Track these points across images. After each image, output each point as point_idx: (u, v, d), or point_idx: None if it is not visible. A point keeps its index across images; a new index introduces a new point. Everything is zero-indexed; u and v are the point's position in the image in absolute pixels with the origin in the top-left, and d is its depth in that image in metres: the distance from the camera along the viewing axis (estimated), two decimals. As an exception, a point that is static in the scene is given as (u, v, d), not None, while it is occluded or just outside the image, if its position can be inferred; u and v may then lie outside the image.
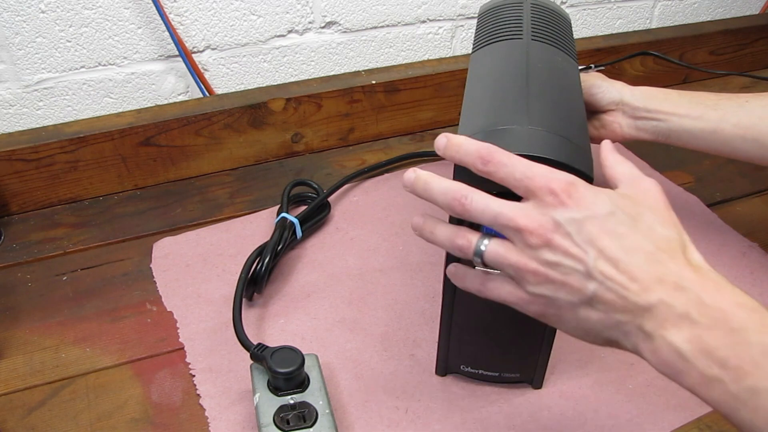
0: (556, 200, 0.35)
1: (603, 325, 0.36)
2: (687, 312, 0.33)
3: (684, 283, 0.34)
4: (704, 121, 0.59)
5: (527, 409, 0.51)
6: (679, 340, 0.33)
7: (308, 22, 0.84)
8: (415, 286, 0.62)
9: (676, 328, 0.33)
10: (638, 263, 0.34)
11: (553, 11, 0.59)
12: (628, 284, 0.34)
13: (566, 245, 0.35)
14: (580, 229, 0.35)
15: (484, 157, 0.37)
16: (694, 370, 0.33)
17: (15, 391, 0.52)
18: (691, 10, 1.11)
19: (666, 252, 0.35)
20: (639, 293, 0.34)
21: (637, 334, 0.35)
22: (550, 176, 0.36)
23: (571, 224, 0.35)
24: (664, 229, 0.36)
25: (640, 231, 0.35)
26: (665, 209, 0.37)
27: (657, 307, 0.33)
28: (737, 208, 0.74)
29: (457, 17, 0.93)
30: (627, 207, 0.36)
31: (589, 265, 0.35)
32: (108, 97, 0.79)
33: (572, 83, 0.49)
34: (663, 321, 0.33)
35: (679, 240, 0.36)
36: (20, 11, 0.70)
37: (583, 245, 0.35)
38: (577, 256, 0.35)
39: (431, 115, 0.87)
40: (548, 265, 0.35)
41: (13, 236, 0.68)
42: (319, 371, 0.49)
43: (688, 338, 0.33)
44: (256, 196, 0.74)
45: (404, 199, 0.74)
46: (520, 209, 0.36)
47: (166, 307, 0.59)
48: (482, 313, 0.47)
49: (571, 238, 0.35)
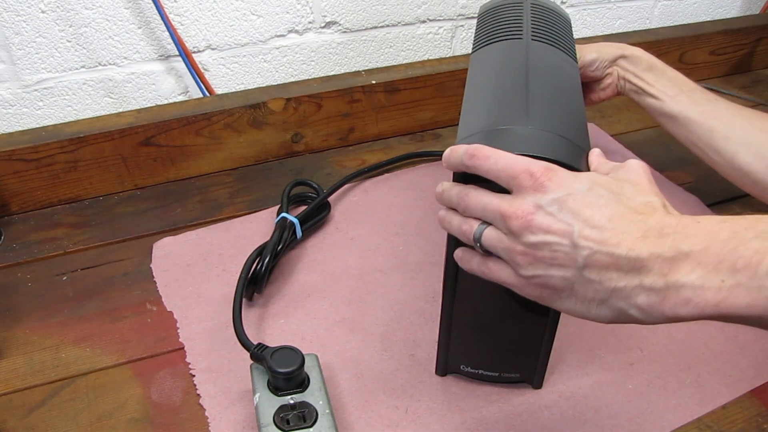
0: (536, 184, 0.37)
1: (602, 296, 0.36)
2: (678, 250, 0.34)
3: (666, 230, 0.35)
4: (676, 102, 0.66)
5: (527, 409, 0.51)
6: (683, 277, 0.33)
7: (308, 22, 0.84)
8: (415, 286, 0.62)
9: (675, 269, 0.34)
10: (621, 227, 0.35)
11: (553, 11, 0.59)
12: (614, 248, 0.35)
13: (548, 222, 0.36)
14: (561, 207, 0.36)
15: (470, 152, 0.39)
16: (709, 292, 0.33)
17: (15, 391, 0.52)
18: (691, 10, 1.11)
19: (645, 213, 0.36)
20: (628, 252, 0.35)
21: (639, 293, 0.35)
22: (530, 163, 0.37)
23: (552, 204, 0.36)
24: (643, 197, 0.37)
25: (620, 202, 0.37)
26: (647, 182, 0.39)
27: (649, 259, 0.34)
28: (737, 208, 0.74)
29: (457, 17, 0.93)
30: (607, 183, 0.38)
31: (575, 236, 0.36)
32: (108, 97, 0.79)
33: (572, 83, 0.49)
34: (660, 269, 0.34)
35: (659, 201, 0.37)
36: (20, 11, 0.70)
37: (567, 219, 0.36)
38: (561, 231, 0.36)
39: (431, 115, 0.87)
40: (534, 246, 0.37)
41: (13, 236, 0.68)
42: (319, 371, 0.49)
43: (690, 269, 0.33)
44: (256, 196, 0.74)
45: (404, 199, 0.74)
46: (503, 199, 0.38)
47: (166, 307, 0.59)
48: (482, 313, 0.47)
49: (553, 216, 0.36)
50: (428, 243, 0.67)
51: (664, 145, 0.86)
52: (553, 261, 0.37)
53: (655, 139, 0.87)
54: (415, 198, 0.74)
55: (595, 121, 0.91)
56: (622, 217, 0.36)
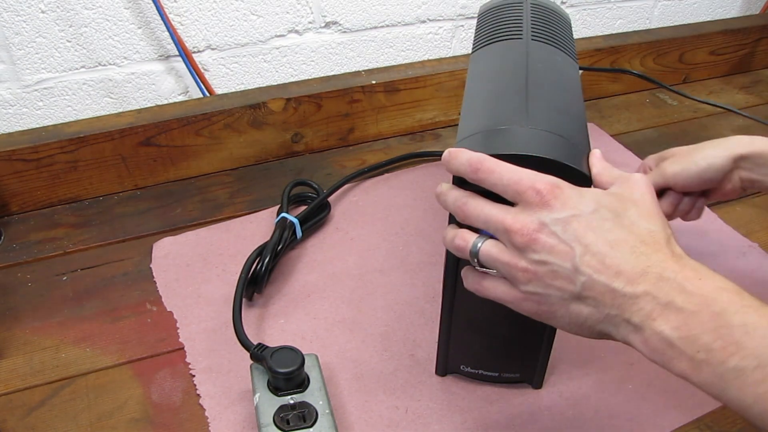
0: (541, 201, 0.37)
1: (594, 320, 0.37)
2: (671, 300, 0.34)
3: (667, 273, 0.35)
4: None
5: (527, 409, 0.51)
6: (667, 329, 0.34)
7: (308, 22, 0.84)
8: (415, 286, 0.62)
9: (662, 317, 0.34)
10: (623, 257, 0.35)
11: (553, 11, 0.59)
12: (613, 277, 0.35)
13: (552, 243, 0.36)
14: (565, 228, 0.36)
15: (474, 165, 0.39)
16: (683, 355, 0.34)
17: (15, 391, 0.52)
18: (691, 10, 1.11)
19: (649, 245, 0.36)
20: (625, 286, 0.35)
21: (626, 326, 0.36)
22: (535, 179, 0.37)
23: (557, 224, 0.36)
24: (647, 222, 0.37)
25: (624, 226, 0.37)
26: (651, 203, 0.38)
27: (642, 298, 0.35)
28: (737, 208, 0.74)
29: (457, 17, 0.93)
30: (612, 203, 0.37)
31: (576, 261, 0.36)
32: (108, 97, 0.79)
33: (572, 83, 0.49)
34: (650, 312, 0.35)
35: (663, 233, 0.37)
36: (20, 11, 0.70)
37: (570, 242, 0.36)
38: (563, 253, 0.36)
39: (431, 115, 0.87)
40: (536, 264, 0.37)
41: (13, 236, 0.68)
42: (319, 371, 0.49)
43: (675, 326, 0.34)
44: (256, 196, 0.74)
45: (404, 199, 0.74)
46: (507, 212, 0.38)
47: (166, 307, 0.59)
48: (482, 314, 0.47)
49: (557, 236, 0.36)
50: (428, 243, 0.67)
51: (664, 145, 0.85)
52: (552, 281, 0.37)
53: (656, 139, 0.87)
54: (415, 198, 0.74)
55: (595, 121, 0.91)
56: (624, 245, 0.36)
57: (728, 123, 0.91)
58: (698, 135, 0.88)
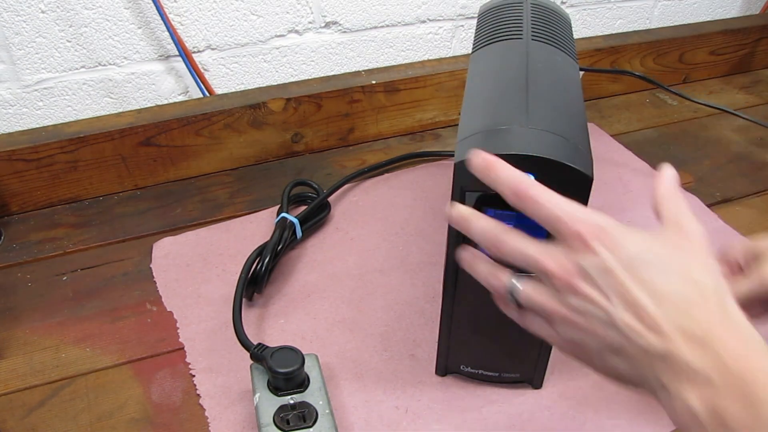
0: (583, 245, 0.34)
1: (630, 375, 0.35)
2: (705, 372, 0.32)
3: (708, 339, 0.32)
4: None
5: (527, 409, 0.51)
6: (694, 401, 0.32)
7: (308, 22, 0.84)
8: (415, 286, 0.62)
9: (691, 385, 0.32)
10: (663, 312, 0.33)
11: (553, 11, 0.59)
12: (648, 334, 0.33)
13: (590, 292, 0.34)
14: (606, 276, 0.34)
15: (518, 193, 0.36)
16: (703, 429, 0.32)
17: (15, 391, 0.52)
18: (691, 10, 1.11)
19: (695, 302, 0.33)
20: (657, 342, 0.33)
21: (656, 383, 0.34)
22: (579, 219, 0.35)
23: (597, 271, 0.34)
24: (699, 275, 0.34)
25: (671, 277, 0.34)
26: (705, 256, 0.35)
27: (673, 357, 0.32)
28: (737, 208, 0.74)
29: (457, 17, 0.93)
30: (660, 250, 0.35)
31: (612, 314, 0.34)
32: (108, 97, 0.79)
33: (572, 83, 0.49)
34: (679, 373, 0.32)
35: (714, 288, 0.34)
36: (20, 11, 0.70)
37: (608, 292, 0.34)
38: (600, 304, 0.34)
39: (431, 115, 0.87)
40: (574, 311, 0.35)
41: (13, 236, 0.68)
42: (319, 371, 0.49)
43: (704, 400, 0.32)
44: (256, 196, 0.74)
45: (404, 199, 0.74)
46: (547, 252, 0.36)
47: (166, 307, 0.59)
48: (482, 313, 0.47)
49: (596, 285, 0.34)
50: (428, 243, 0.67)
51: (664, 145, 0.86)
52: (588, 331, 0.35)
53: (656, 139, 0.87)
54: (415, 198, 0.74)
55: (595, 121, 0.91)
56: (666, 299, 0.33)
57: (728, 123, 0.91)
58: (698, 135, 0.88)
